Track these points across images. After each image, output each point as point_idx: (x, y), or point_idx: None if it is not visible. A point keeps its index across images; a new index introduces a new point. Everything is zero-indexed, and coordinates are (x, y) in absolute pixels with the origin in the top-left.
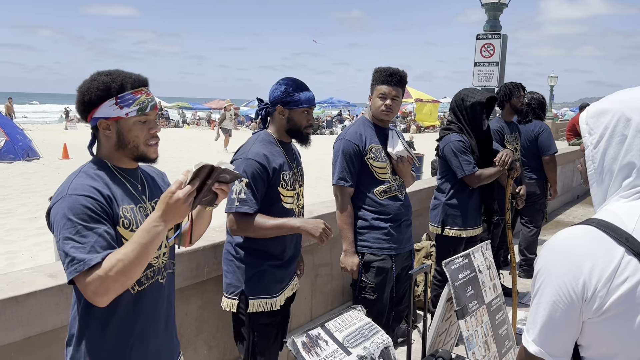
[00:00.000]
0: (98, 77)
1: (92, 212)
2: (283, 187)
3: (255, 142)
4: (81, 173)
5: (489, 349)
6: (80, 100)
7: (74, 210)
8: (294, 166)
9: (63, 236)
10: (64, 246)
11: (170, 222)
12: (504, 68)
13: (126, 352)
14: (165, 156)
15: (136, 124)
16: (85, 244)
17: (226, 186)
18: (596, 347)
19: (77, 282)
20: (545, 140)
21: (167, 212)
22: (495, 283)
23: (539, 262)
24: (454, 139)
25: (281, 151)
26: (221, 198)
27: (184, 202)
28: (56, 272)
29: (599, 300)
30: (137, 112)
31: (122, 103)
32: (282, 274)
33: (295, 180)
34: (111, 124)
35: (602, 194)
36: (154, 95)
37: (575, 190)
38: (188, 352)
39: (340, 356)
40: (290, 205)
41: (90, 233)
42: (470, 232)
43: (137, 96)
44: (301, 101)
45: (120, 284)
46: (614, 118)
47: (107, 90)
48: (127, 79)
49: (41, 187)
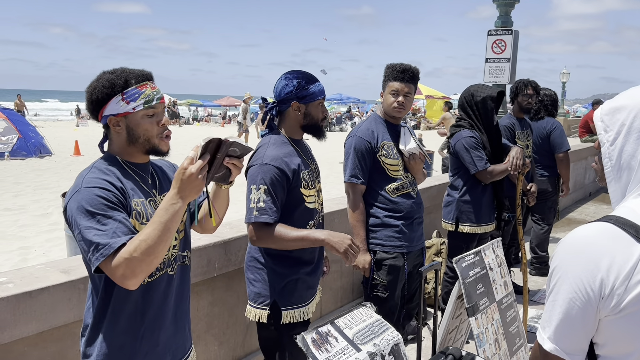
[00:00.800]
0: (103, 76)
1: (108, 202)
2: (305, 187)
3: (269, 145)
4: (93, 169)
5: (499, 347)
6: (89, 99)
7: (90, 202)
8: (310, 163)
9: (84, 226)
10: (86, 234)
11: (187, 198)
12: (515, 64)
13: (136, 343)
14: (175, 153)
15: (144, 118)
16: (106, 231)
17: (238, 161)
18: (612, 345)
19: (104, 268)
20: (558, 137)
21: (182, 189)
22: (506, 280)
23: (555, 259)
24: (465, 135)
25: (296, 150)
26: (235, 174)
27: (197, 176)
28: (69, 267)
29: (617, 298)
30: (143, 105)
31: (128, 98)
32: (313, 280)
33: (314, 177)
34: (120, 120)
35: (620, 191)
36: (159, 88)
37: (587, 187)
38: (199, 347)
39: (350, 353)
40: (313, 205)
41: (109, 220)
42: (484, 228)
43: (142, 90)
44: (316, 93)
45: (146, 264)
46: (630, 114)
47: (112, 87)
48: (130, 75)
49: (53, 183)
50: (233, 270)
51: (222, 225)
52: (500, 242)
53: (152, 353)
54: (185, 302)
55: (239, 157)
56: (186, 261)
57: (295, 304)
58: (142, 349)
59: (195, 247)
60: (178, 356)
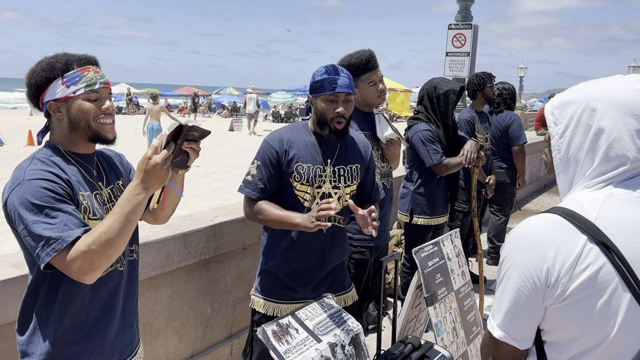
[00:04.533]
0: (43, 60)
1: (55, 194)
2: (296, 179)
3: (285, 127)
4: (34, 160)
5: (457, 335)
6: (28, 84)
7: (35, 195)
8: (329, 162)
9: (31, 220)
10: (34, 229)
11: (150, 189)
12: (474, 58)
13: (82, 341)
14: (134, 144)
15: (85, 102)
16: (57, 224)
17: (196, 144)
18: (558, 331)
19: (56, 263)
20: (516, 130)
21: (146, 179)
22: (464, 270)
23: (505, 249)
24: (422, 129)
25: (312, 143)
26: (193, 158)
27: (162, 166)
28: (19, 262)
29: (562, 287)
30: (84, 89)
31: (68, 82)
32: (295, 285)
33: (323, 178)
34: (61, 106)
35: (567, 183)
36: (104, 73)
37: (542, 179)
38: (158, 341)
39: (310, 344)
40: (309, 203)
41: (59, 213)
42: (438, 220)
43: (84, 74)
44: (324, 87)
45: (106, 257)
46: (579, 108)
47: (52, 70)
48: (72, 58)
49: (5, 174)
50: (193, 263)
51: (181, 218)
52: (458, 232)
53: (99, 352)
54: (133, 298)
55: (197, 140)
56: (134, 256)
57: (264, 293)
58: (88, 348)
59: (153, 240)
60: (125, 354)
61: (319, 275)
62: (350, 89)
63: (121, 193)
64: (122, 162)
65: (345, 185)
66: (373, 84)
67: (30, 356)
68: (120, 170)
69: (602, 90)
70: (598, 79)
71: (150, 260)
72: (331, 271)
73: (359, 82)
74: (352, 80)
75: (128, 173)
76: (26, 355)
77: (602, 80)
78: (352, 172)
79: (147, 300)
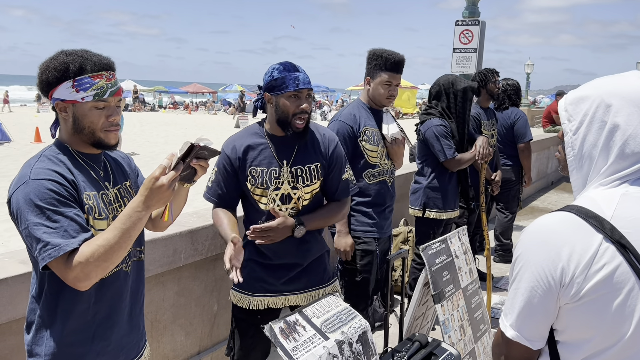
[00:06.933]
0: (58, 57)
1: (60, 196)
2: (251, 183)
3: (240, 132)
4: (42, 157)
5: (464, 333)
6: (39, 78)
7: (40, 195)
8: (285, 163)
9: (32, 222)
10: (34, 232)
11: (152, 207)
12: (482, 55)
13: (88, 342)
14: (141, 140)
15: (92, 110)
16: (57, 229)
17: (204, 162)
18: (571, 331)
19: (54, 267)
20: (521, 127)
21: (150, 198)
22: (471, 268)
23: (518, 248)
24: (436, 124)
25: (267, 145)
26: (200, 174)
27: (167, 188)
28: (27, 258)
29: (577, 286)
30: (93, 97)
31: (79, 86)
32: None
33: (281, 179)
34: (68, 107)
35: (582, 180)
36: (118, 79)
37: (549, 176)
38: (165, 337)
39: (318, 341)
40: (265, 206)
41: (61, 217)
42: (450, 214)
43: (95, 80)
44: (287, 84)
45: (102, 269)
46: (593, 104)
47: (65, 72)
48: (87, 61)
49: (12, 171)
50: (200, 260)
51: (188, 215)
52: (465, 230)
53: (105, 353)
54: (140, 299)
55: (207, 159)
56: (141, 257)
57: (239, 286)
58: (94, 349)
59: (160, 237)
60: (132, 355)
61: (294, 271)
62: (311, 85)
63: (128, 194)
64: (130, 164)
65: (304, 185)
66: (388, 85)
67: (35, 356)
68: (127, 172)
69: (617, 86)
70: (612, 75)
71: (157, 257)
72: (307, 266)
73: (377, 77)
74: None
75: (136, 176)
76: (32, 355)
77: (617, 76)
78: (311, 172)
79: (154, 296)
